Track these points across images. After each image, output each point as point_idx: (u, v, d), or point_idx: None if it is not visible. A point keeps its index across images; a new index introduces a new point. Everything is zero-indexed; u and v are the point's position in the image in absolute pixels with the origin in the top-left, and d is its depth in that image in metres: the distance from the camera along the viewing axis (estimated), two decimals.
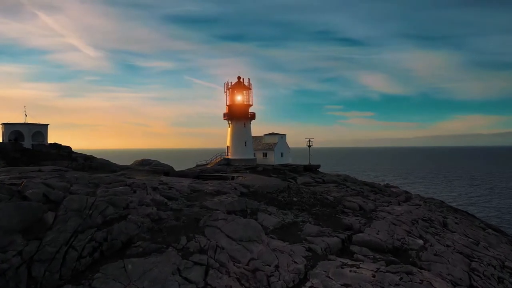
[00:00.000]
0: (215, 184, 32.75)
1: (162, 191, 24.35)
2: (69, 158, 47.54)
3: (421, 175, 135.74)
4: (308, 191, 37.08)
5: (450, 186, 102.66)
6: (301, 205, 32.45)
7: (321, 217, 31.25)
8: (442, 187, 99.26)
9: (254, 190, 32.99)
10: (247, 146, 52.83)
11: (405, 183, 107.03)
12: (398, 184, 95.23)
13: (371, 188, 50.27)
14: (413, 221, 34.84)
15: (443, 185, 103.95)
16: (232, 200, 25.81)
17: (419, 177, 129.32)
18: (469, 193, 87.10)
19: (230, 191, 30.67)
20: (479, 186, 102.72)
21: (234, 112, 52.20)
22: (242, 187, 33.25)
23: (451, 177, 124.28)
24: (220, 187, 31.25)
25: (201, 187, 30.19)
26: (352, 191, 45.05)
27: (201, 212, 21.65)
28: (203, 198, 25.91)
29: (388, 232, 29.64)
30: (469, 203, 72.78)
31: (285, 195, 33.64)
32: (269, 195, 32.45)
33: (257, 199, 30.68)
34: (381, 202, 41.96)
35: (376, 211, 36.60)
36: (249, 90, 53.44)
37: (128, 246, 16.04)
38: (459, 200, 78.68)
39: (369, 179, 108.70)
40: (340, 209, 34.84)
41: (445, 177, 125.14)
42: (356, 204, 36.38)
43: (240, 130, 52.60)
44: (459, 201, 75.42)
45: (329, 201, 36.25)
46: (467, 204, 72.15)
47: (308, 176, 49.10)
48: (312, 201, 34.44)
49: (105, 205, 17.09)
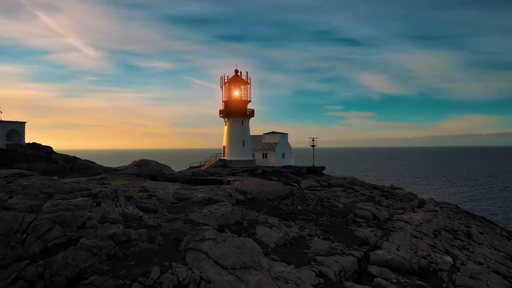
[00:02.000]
0: (207, 190, 28.26)
1: (139, 201, 19.84)
2: (48, 159, 43.04)
3: (422, 176, 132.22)
4: (314, 197, 32.58)
5: (453, 187, 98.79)
6: (307, 214, 27.99)
7: (331, 229, 26.79)
8: (444, 188, 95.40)
9: (252, 197, 28.53)
10: (245, 146, 48.23)
11: (405, 183, 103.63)
12: (400, 184, 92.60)
13: (382, 192, 45.78)
14: (435, 232, 30.40)
15: (445, 186, 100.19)
16: (225, 212, 21.31)
17: (421, 177, 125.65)
18: (475, 195, 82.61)
19: (223, 198, 26.22)
20: (481, 186, 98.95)
21: (231, 108, 47.48)
22: (238, 193, 28.80)
23: (452, 178, 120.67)
24: (212, 194, 26.78)
25: (189, 194, 25.71)
26: (361, 196, 40.58)
27: (184, 229, 17.16)
28: (190, 209, 21.41)
29: (411, 248, 25.14)
30: (475, 206, 68.35)
31: (288, 202, 29.17)
32: (269, 203, 27.98)
33: (255, 208, 26.23)
34: (395, 209, 37.49)
35: (391, 220, 32.12)
36: (247, 84, 48.79)
37: (75, 285, 11.53)
38: (462, 200, 74.28)
39: (370, 180, 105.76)
40: (351, 218, 30.37)
41: (446, 178, 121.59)
42: (369, 212, 31.90)
43: (237, 128, 47.93)
44: (461, 202, 71.11)
45: (338, 209, 31.77)
46: (473, 206, 67.71)
47: (312, 179, 44.61)
48: (319, 209, 29.96)
49: (49, 226, 12.62)
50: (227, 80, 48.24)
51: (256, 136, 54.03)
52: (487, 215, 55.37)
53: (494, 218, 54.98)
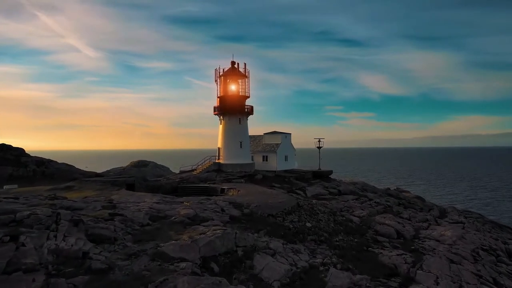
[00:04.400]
0: (193, 203, 22.76)
1: (92, 226, 14.33)
2: (16, 163, 37.54)
3: (424, 176, 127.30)
4: (325, 210, 27.07)
5: (455, 188, 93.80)
6: (318, 233, 22.50)
7: (348, 253, 21.31)
8: (446, 190, 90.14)
9: (250, 211, 23.04)
10: (243, 147, 42.72)
11: (406, 184, 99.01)
12: (402, 185, 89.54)
13: (398, 200, 40.28)
14: (474, 254, 24.95)
15: (448, 187, 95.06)
16: (212, 237, 15.83)
17: (423, 178, 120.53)
18: (482, 198, 77.00)
19: (213, 215, 20.74)
20: (485, 188, 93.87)
21: (227, 105, 41.86)
22: (233, 207, 23.32)
23: (455, 179, 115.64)
24: (199, 209, 21.29)
25: (169, 210, 20.21)
26: (377, 205, 35.09)
27: (148, 273, 11.67)
28: (165, 235, 15.91)
29: (452, 279, 19.68)
30: (485, 208, 62.85)
31: (295, 218, 23.67)
32: (271, 220, 22.50)
33: (254, 226, 20.77)
34: (418, 222, 32.01)
35: (419, 238, 26.62)
36: (245, 78, 43.20)
37: None
38: (468, 203, 68.78)
39: (371, 181, 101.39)
40: (371, 237, 24.88)
41: (447, 179, 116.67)
42: (391, 228, 26.39)
43: (234, 127, 42.37)
44: (469, 204, 65.74)
45: (354, 225, 26.27)
46: (483, 209, 62.22)
47: (319, 186, 39.10)
48: (332, 225, 24.46)
49: None
50: (222, 73, 42.61)
51: (256, 136, 48.44)
52: (499, 219, 50.17)
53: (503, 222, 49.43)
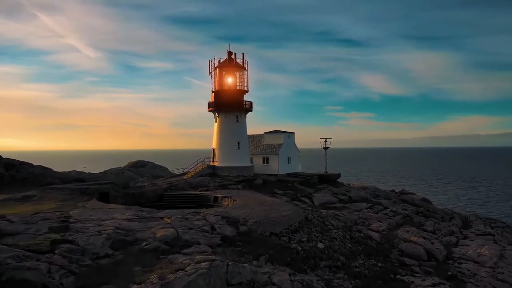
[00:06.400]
0: (177, 218, 18.12)
1: (13, 266, 9.71)
2: None
3: (425, 177, 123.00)
4: (338, 225, 22.43)
5: (457, 189, 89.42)
6: (332, 256, 17.89)
7: (373, 284, 16.74)
8: (449, 191, 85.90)
9: (248, 229, 18.41)
10: (241, 148, 38.09)
11: (407, 184, 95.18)
12: (402, 186, 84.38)
13: (415, 208, 35.64)
14: None
15: (449, 188, 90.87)
16: (194, 275, 11.27)
17: (424, 179, 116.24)
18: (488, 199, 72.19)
19: (200, 237, 16.14)
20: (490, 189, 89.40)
21: (223, 100, 37.06)
22: (227, 223, 18.72)
23: (454, 180, 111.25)
24: (183, 228, 16.70)
25: (142, 230, 15.60)
26: (394, 215, 30.48)
27: None
28: (127, 272, 11.30)
29: None
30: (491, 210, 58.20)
31: (303, 236, 19.03)
32: (274, 240, 17.88)
33: (252, 251, 16.21)
34: (443, 235, 27.45)
35: (453, 259, 22.01)
36: (243, 70, 38.46)
37: None
38: (477, 206, 64.09)
39: (371, 181, 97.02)
40: (396, 259, 20.26)
41: (449, 179, 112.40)
42: (420, 247, 21.77)
43: (231, 125, 37.66)
44: (478, 208, 61.11)
45: (374, 243, 21.66)
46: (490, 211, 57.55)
47: (327, 192, 34.47)
48: (349, 245, 19.83)
49: None
50: (218, 65, 37.89)
51: (255, 136, 43.74)
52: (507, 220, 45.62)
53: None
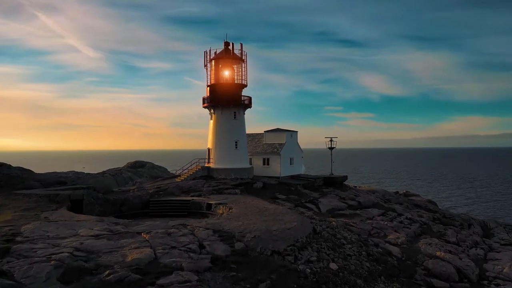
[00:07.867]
0: (157, 234, 14.78)
1: None
2: None
3: (426, 177, 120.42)
4: (351, 238, 19.11)
5: (458, 189, 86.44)
6: (349, 280, 14.56)
7: None
8: (454, 192, 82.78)
9: (246, 247, 15.08)
10: (239, 148, 34.76)
11: (408, 185, 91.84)
12: (403, 186, 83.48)
13: (431, 214, 32.33)
14: None
15: (451, 189, 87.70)
16: None
17: (425, 179, 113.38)
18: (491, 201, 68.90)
19: (184, 258, 12.83)
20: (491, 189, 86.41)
21: (219, 95, 33.62)
22: (219, 238, 15.42)
23: (455, 180, 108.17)
24: (163, 247, 13.40)
25: (110, 251, 12.28)
26: (410, 223, 27.18)
27: None
28: None
29: None
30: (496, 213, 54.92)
31: (313, 255, 15.69)
32: (277, 261, 14.53)
33: (250, 275, 12.92)
34: (469, 247, 24.16)
35: (487, 278, 18.71)
36: (242, 62, 35.05)
37: None
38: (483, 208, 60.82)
39: (372, 182, 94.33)
40: (423, 280, 16.95)
41: (451, 180, 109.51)
42: (449, 265, 18.44)
43: (228, 123, 34.28)
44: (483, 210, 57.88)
45: (395, 260, 18.31)
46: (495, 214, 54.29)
47: (334, 196, 31.15)
48: (366, 265, 16.48)
49: None
50: (214, 56, 34.51)
51: (255, 135, 40.42)
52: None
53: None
